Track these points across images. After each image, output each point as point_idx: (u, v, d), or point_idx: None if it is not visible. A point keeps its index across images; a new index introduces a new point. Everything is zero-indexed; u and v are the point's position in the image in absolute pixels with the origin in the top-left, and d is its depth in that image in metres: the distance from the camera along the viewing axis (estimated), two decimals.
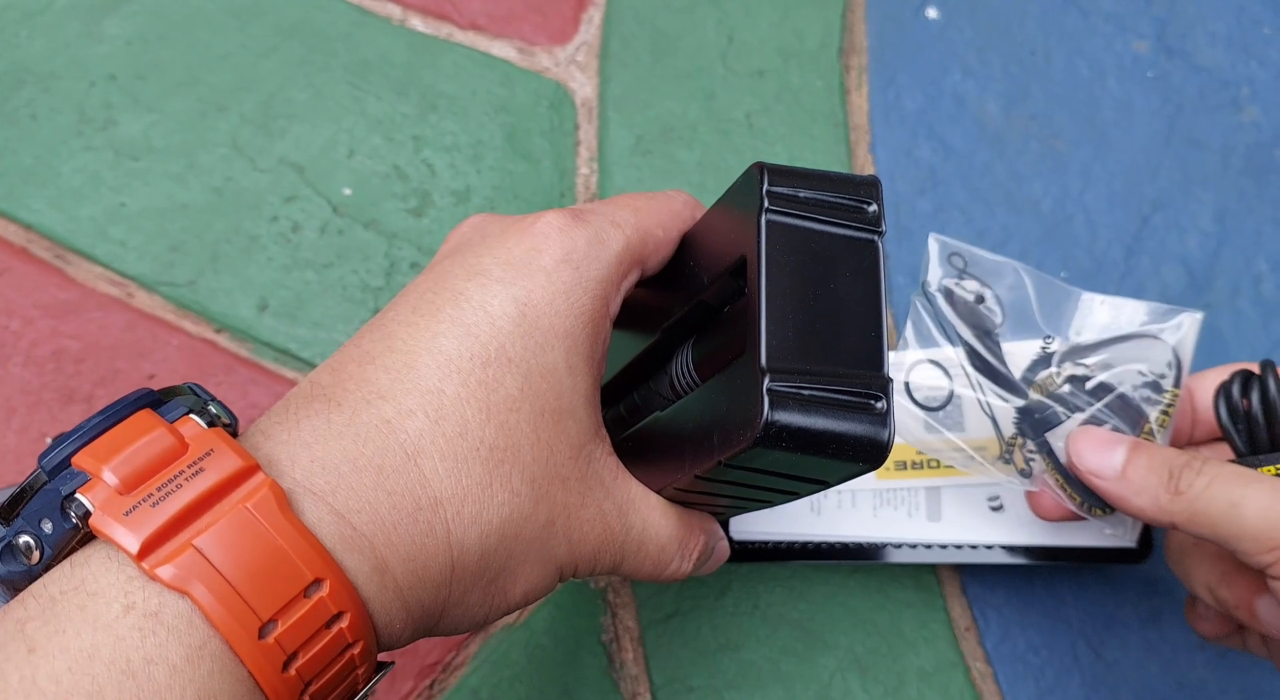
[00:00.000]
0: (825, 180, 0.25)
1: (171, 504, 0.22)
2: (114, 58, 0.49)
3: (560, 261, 0.27)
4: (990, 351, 0.37)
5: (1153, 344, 0.37)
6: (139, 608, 0.22)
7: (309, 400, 0.26)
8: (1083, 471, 0.34)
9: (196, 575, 0.22)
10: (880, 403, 0.23)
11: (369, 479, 0.24)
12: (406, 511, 0.25)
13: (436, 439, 0.25)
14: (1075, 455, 0.34)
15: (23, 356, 0.44)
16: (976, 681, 0.42)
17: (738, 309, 0.27)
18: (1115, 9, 0.54)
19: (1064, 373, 0.37)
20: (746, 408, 0.23)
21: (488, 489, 0.26)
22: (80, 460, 0.23)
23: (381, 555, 0.24)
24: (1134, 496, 0.33)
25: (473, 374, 0.26)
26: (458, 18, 0.51)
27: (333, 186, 0.47)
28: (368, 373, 0.26)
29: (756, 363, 0.23)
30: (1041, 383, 0.37)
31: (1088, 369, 0.37)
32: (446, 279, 0.27)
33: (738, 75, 0.51)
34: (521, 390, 0.26)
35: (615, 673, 0.41)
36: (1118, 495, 0.33)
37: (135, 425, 0.23)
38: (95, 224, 0.46)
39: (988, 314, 0.37)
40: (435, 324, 0.26)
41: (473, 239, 0.29)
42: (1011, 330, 0.37)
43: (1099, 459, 0.34)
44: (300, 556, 0.23)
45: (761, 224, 0.24)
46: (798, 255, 0.24)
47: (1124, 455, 0.33)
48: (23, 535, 0.23)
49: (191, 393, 0.26)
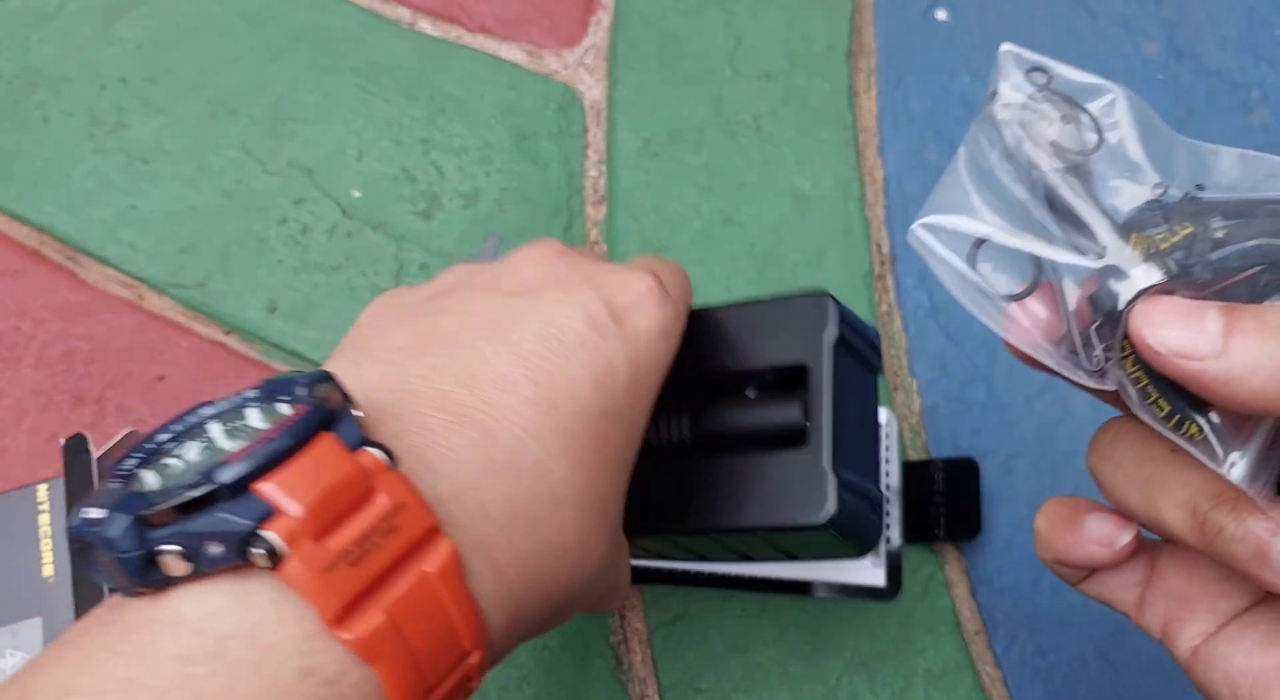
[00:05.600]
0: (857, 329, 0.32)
1: (370, 565, 0.20)
2: (125, 61, 0.49)
3: (659, 333, 0.28)
4: (1076, 190, 0.26)
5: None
6: (317, 674, 0.20)
7: (459, 422, 0.24)
8: (1163, 353, 0.23)
9: (385, 647, 0.20)
10: (881, 511, 0.31)
11: (522, 528, 0.24)
12: (548, 565, 0.24)
13: (573, 486, 0.25)
14: (1148, 330, 0.24)
15: (34, 358, 0.44)
16: (985, 685, 0.42)
17: (767, 398, 0.32)
18: (1125, 11, 0.54)
19: (1182, 231, 0.25)
20: (808, 495, 0.29)
21: (599, 539, 0.26)
22: (267, 490, 0.20)
23: (520, 603, 0.24)
24: (1249, 377, 0.22)
25: (597, 424, 0.26)
26: (466, 21, 0.51)
27: (342, 189, 0.47)
28: (511, 403, 0.25)
29: (821, 460, 0.29)
30: (1148, 239, 0.25)
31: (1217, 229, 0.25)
32: (564, 321, 0.27)
33: (745, 78, 0.51)
34: (620, 446, 0.27)
35: (623, 674, 0.41)
36: (1222, 380, 0.23)
37: (325, 457, 0.21)
38: (106, 226, 0.46)
39: (1077, 139, 0.27)
40: (569, 366, 0.26)
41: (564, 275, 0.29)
42: (1109, 171, 0.27)
43: (1183, 332, 0.23)
44: (466, 630, 0.22)
45: (834, 353, 0.31)
46: (844, 381, 0.31)
47: (1219, 319, 0.23)
48: (175, 547, 0.20)
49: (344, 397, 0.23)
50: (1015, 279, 0.26)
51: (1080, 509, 0.28)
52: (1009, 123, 0.27)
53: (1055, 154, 0.27)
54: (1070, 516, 0.28)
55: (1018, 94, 0.27)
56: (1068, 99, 0.27)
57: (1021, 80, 0.28)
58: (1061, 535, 0.28)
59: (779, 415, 0.31)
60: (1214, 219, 0.25)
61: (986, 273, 0.27)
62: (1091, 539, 0.28)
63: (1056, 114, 0.27)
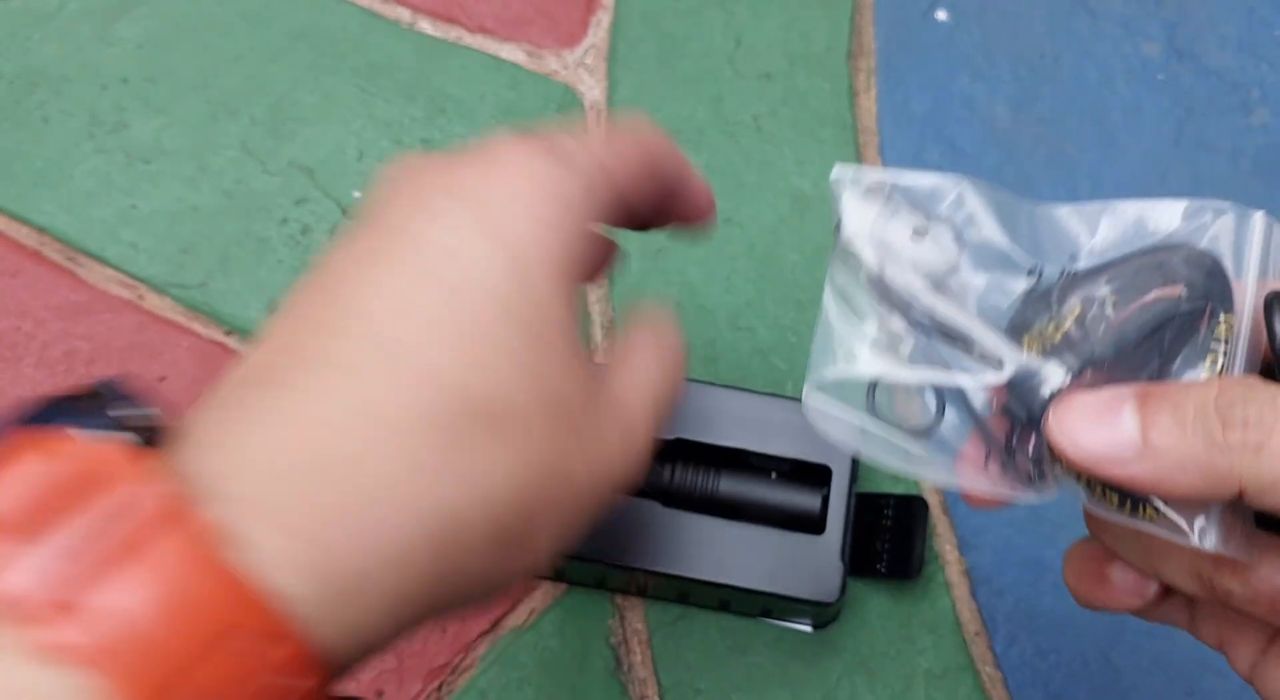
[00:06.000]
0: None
1: (78, 555, 0.18)
2: (125, 61, 0.49)
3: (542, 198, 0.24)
4: (952, 308, 0.25)
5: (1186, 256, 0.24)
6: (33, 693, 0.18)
7: (259, 388, 0.22)
8: (1085, 463, 0.22)
9: (110, 646, 0.18)
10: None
11: (342, 473, 0.21)
12: (395, 502, 0.21)
13: (429, 410, 0.22)
14: (1064, 439, 0.22)
15: (35, 358, 0.44)
16: (986, 685, 0.41)
17: (791, 485, 0.39)
18: (1125, 11, 0.54)
19: (1070, 312, 0.24)
20: (821, 577, 0.37)
21: (490, 455, 0.22)
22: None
23: (343, 565, 0.20)
24: (1176, 472, 0.21)
25: (461, 330, 0.22)
26: (466, 21, 0.51)
27: (342, 189, 0.47)
28: (328, 347, 0.22)
29: (835, 552, 0.38)
30: (1040, 334, 0.24)
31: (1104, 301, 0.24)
32: (400, 227, 0.24)
33: (745, 78, 0.51)
34: (518, 343, 0.23)
35: (623, 675, 0.41)
36: (1151, 481, 0.21)
37: (26, 447, 0.19)
38: (106, 226, 0.46)
39: (937, 251, 0.25)
40: (399, 280, 0.23)
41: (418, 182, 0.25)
42: (979, 271, 0.26)
43: (1101, 435, 0.22)
44: (227, 603, 0.19)
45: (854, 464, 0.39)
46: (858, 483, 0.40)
47: (1135, 414, 0.22)
48: None
49: (100, 395, 0.21)
50: (920, 415, 0.25)
51: (1101, 559, 0.27)
52: (864, 252, 0.25)
53: (919, 273, 0.25)
54: (1096, 570, 0.27)
55: (863, 218, 0.26)
56: (916, 209, 0.26)
57: (862, 202, 0.26)
58: (1093, 590, 0.28)
59: (802, 503, 0.38)
60: (1098, 288, 0.25)
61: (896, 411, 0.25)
62: (1122, 590, 0.27)
63: (909, 229, 0.25)
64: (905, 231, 0.25)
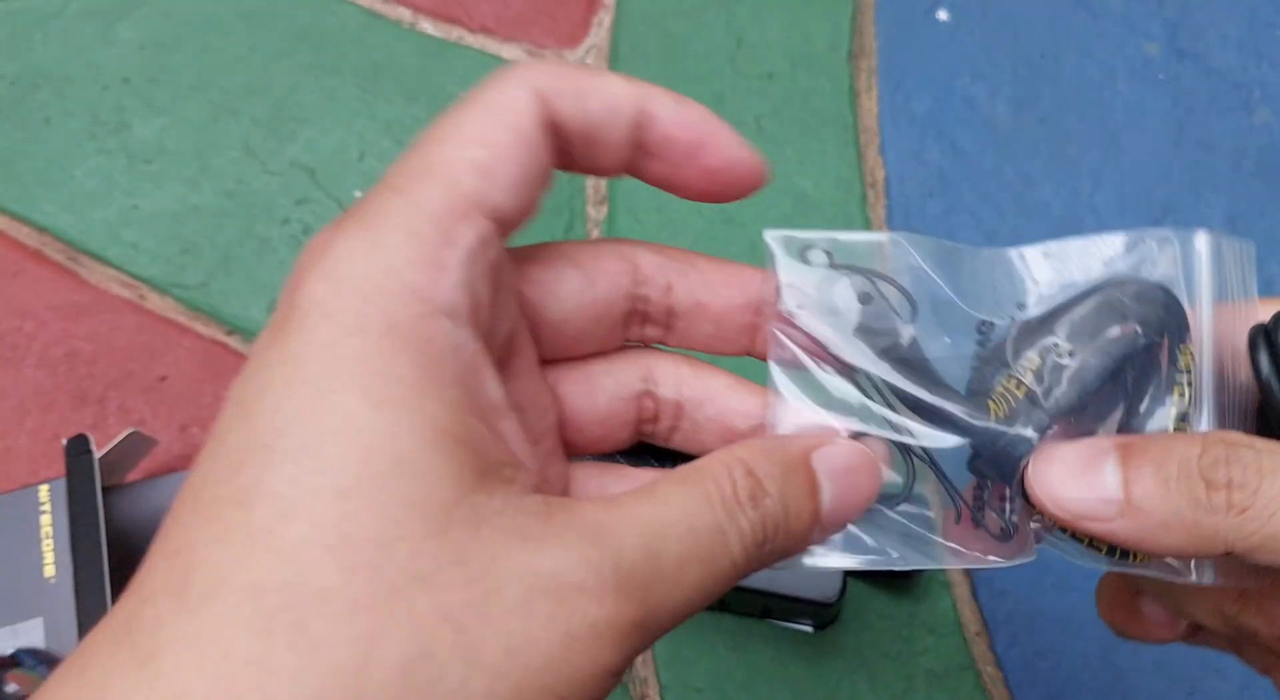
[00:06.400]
0: None
1: None
2: (127, 61, 0.49)
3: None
4: (907, 373, 0.23)
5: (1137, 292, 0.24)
6: None
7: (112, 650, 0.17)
8: (1066, 520, 0.22)
9: None
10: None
11: None
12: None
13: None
14: (1044, 495, 0.22)
15: (36, 358, 0.44)
16: (987, 685, 0.41)
17: None
18: (1126, 11, 0.54)
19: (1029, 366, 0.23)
20: (824, 579, 0.38)
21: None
22: None
23: None
24: (1160, 533, 0.21)
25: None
26: (468, 21, 0.51)
27: (344, 189, 0.47)
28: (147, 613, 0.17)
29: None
30: (1002, 394, 0.23)
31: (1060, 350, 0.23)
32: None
33: (747, 78, 0.51)
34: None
35: (624, 674, 0.41)
36: (1135, 539, 0.21)
37: None
38: (108, 227, 0.46)
39: (884, 316, 0.24)
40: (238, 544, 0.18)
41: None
42: (931, 331, 0.24)
43: (1083, 493, 0.21)
44: None
45: None
46: None
47: (1117, 469, 0.21)
48: None
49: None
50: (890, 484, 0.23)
51: (1132, 592, 0.27)
52: (807, 321, 0.24)
53: (868, 338, 0.23)
54: (1127, 603, 0.27)
55: (805, 284, 0.24)
56: (857, 271, 0.24)
57: (799, 266, 0.24)
58: (1128, 623, 0.27)
59: None
60: (1052, 337, 0.23)
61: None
62: (1154, 624, 0.27)
63: (854, 293, 0.24)
64: (850, 296, 0.24)
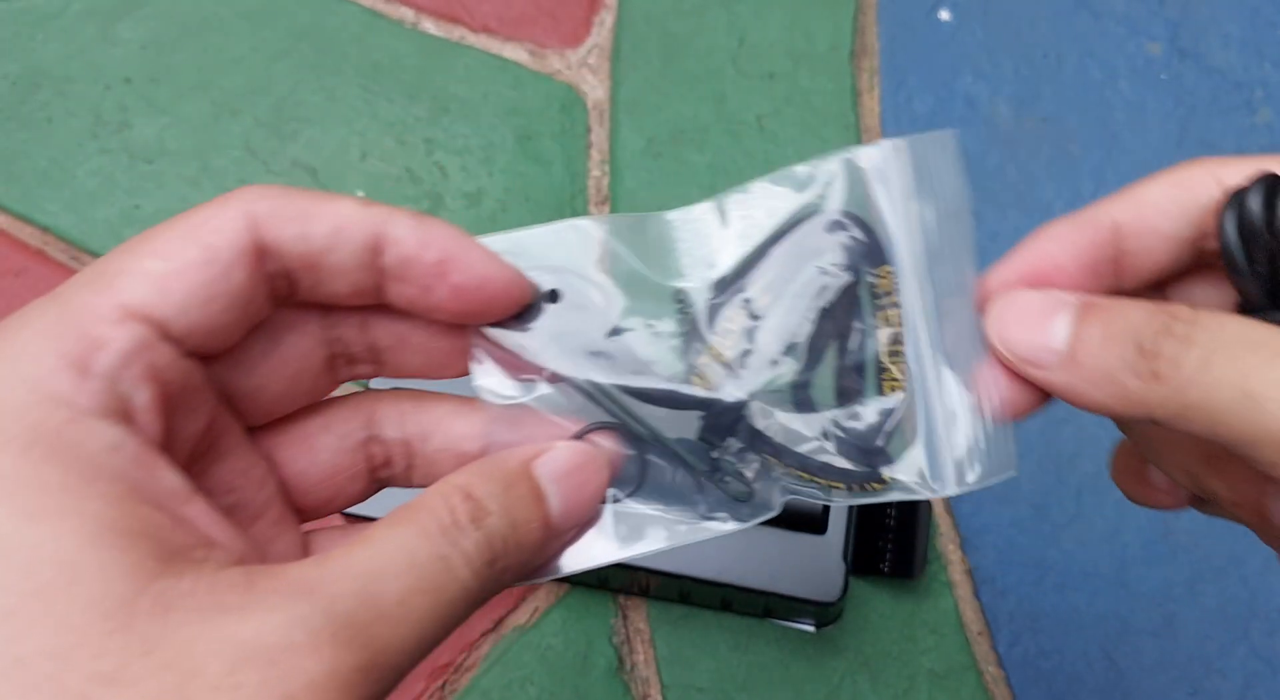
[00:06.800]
0: None
1: None
2: (129, 61, 0.49)
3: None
4: (610, 365, 0.23)
5: (825, 224, 0.23)
6: None
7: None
8: (1007, 360, 0.23)
9: None
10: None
11: None
12: None
13: None
14: (1000, 336, 0.23)
15: None
16: (989, 685, 0.41)
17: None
18: (1128, 11, 0.54)
19: (729, 328, 0.23)
20: (824, 577, 0.38)
21: None
22: None
23: None
24: (1090, 388, 0.22)
25: None
26: (469, 21, 0.51)
27: (346, 189, 0.47)
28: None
29: (837, 552, 0.38)
30: (708, 364, 0.23)
31: (753, 307, 0.23)
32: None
33: (749, 77, 0.51)
34: None
35: (626, 674, 0.41)
36: (1065, 387, 0.22)
37: None
38: (110, 226, 0.46)
39: (578, 312, 0.23)
40: None
41: None
42: (633, 312, 0.23)
43: (1033, 334, 0.22)
44: None
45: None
46: None
47: (1069, 324, 0.22)
48: None
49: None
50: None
51: (1141, 460, 0.27)
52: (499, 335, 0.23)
53: (563, 339, 0.23)
54: (1137, 470, 0.27)
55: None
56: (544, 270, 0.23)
57: None
58: (1136, 489, 0.27)
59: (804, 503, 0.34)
60: (739, 294, 0.23)
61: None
62: (1160, 490, 0.27)
63: (540, 295, 0.23)
64: (540, 300, 0.23)
